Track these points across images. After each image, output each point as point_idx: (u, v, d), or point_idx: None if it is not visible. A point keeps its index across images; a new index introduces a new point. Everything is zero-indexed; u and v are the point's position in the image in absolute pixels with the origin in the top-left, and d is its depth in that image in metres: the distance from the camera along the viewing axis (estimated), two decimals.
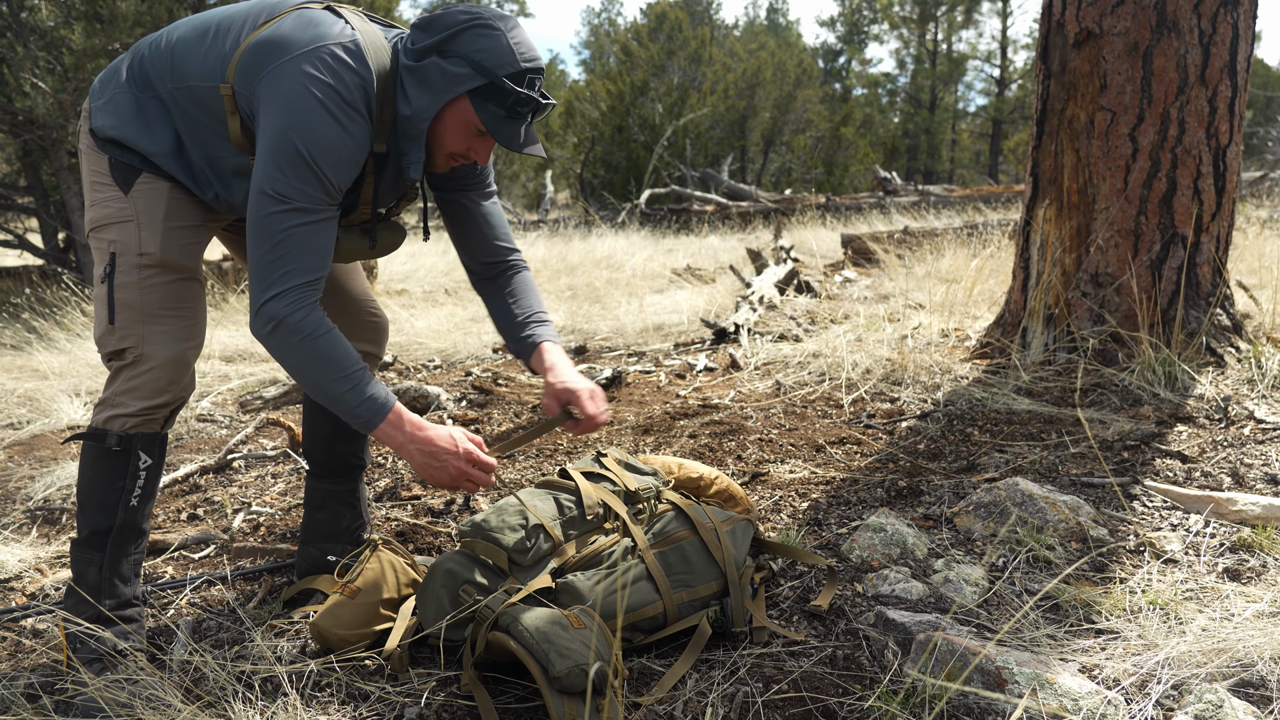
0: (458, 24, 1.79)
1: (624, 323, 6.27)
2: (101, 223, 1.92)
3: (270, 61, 1.77)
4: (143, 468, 1.93)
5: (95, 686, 1.72)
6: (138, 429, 1.92)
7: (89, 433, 1.92)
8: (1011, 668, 1.65)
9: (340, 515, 2.39)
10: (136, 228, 1.89)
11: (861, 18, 42.13)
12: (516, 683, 1.83)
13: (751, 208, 15.39)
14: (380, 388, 1.83)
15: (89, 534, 1.93)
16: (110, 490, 1.92)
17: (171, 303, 1.93)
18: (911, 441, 3.21)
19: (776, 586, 2.21)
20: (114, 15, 8.12)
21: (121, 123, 1.91)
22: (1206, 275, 3.71)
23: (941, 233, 8.70)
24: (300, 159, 1.72)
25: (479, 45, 1.78)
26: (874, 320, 5.07)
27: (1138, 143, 3.65)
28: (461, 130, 1.87)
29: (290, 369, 1.80)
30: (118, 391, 1.91)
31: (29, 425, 4.34)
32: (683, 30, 27.62)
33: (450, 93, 1.81)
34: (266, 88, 1.76)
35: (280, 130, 1.73)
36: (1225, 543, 2.29)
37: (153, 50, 1.93)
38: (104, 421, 1.91)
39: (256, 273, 1.76)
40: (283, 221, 1.73)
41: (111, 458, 1.91)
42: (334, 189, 1.79)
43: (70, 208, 9.11)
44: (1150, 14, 3.57)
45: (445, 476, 1.88)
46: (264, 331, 1.76)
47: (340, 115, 1.75)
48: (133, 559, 1.98)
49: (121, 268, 1.89)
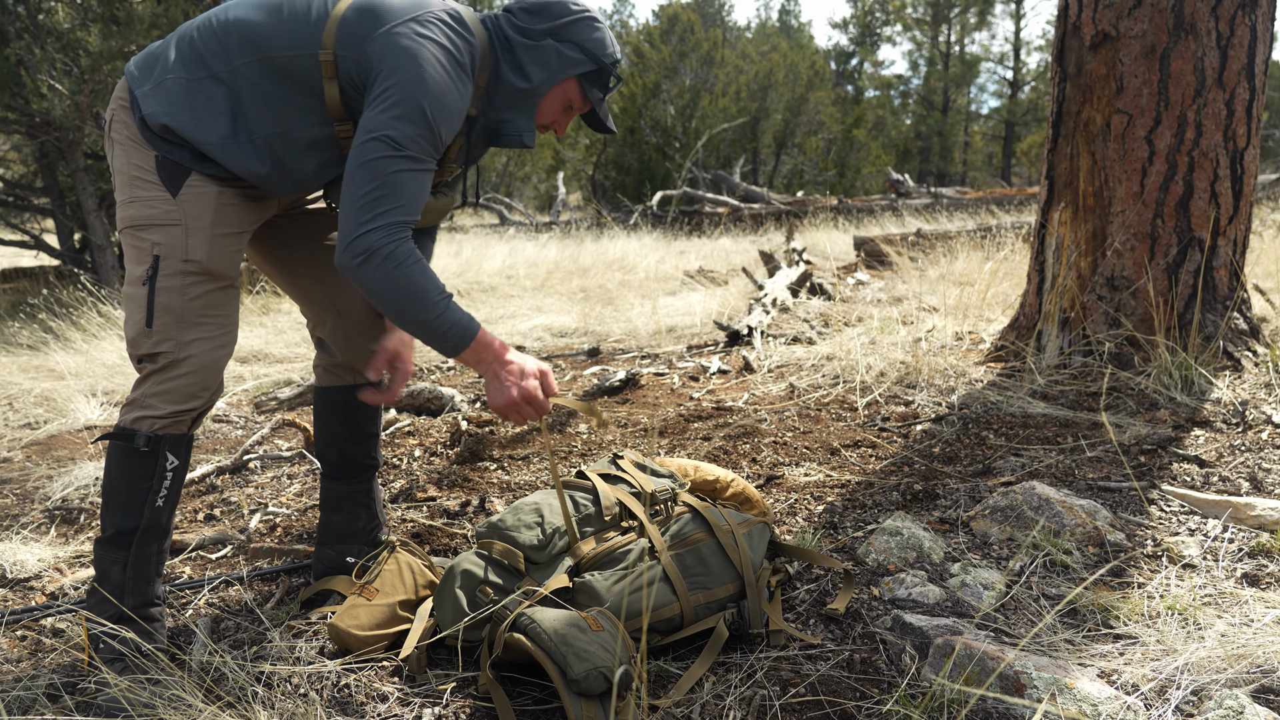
0: (572, 14, 1.99)
1: (637, 325, 6.27)
2: (144, 222, 1.88)
3: (380, 24, 1.83)
4: (169, 468, 1.94)
5: (118, 686, 1.73)
6: (166, 430, 1.92)
7: (117, 432, 1.92)
8: (1030, 673, 1.64)
9: (356, 516, 2.40)
10: (184, 233, 1.88)
11: (874, 19, 42.04)
12: (534, 684, 1.83)
13: (764, 209, 15.38)
14: (464, 313, 1.89)
15: (114, 533, 1.94)
16: (137, 490, 1.92)
17: (211, 310, 1.93)
18: (926, 445, 3.20)
19: (793, 589, 2.21)
20: (130, 17, 8.18)
21: (173, 108, 1.87)
22: (1223, 279, 3.69)
23: (955, 235, 8.68)
24: (419, 110, 1.80)
25: (592, 36, 2.00)
26: (887, 323, 5.06)
27: (1154, 146, 3.64)
28: (558, 105, 2.07)
29: (379, 298, 1.83)
30: (148, 393, 1.91)
31: (46, 425, 4.37)
32: (695, 32, 27.61)
33: (566, 73, 2.00)
34: (379, 47, 1.82)
35: (399, 84, 1.79)
36: (1244, 548, 2.28)
37: (204, 32, 1.91)
38: (132, 422, 1.91)
39: (354, 208, 1.80)
40: (392, 165, 1.80)
41: (139, 458, 1.91)
42: (441, 143, 1.87)
43: (86, 209, 9.18)
44: (1167, 16, 3.56)
45: (502, 400, 1.93)
46: (354, 263, 1.80)
47: (453, 73, 1.85)
48: (156, 559, 1.99)
49: (165, 271, 1.88)
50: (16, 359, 5.93)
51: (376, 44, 1.81)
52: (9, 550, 2.69)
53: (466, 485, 3.15)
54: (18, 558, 2.65)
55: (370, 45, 1.82)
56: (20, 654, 2.13)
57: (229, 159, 1.90)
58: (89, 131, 8.86)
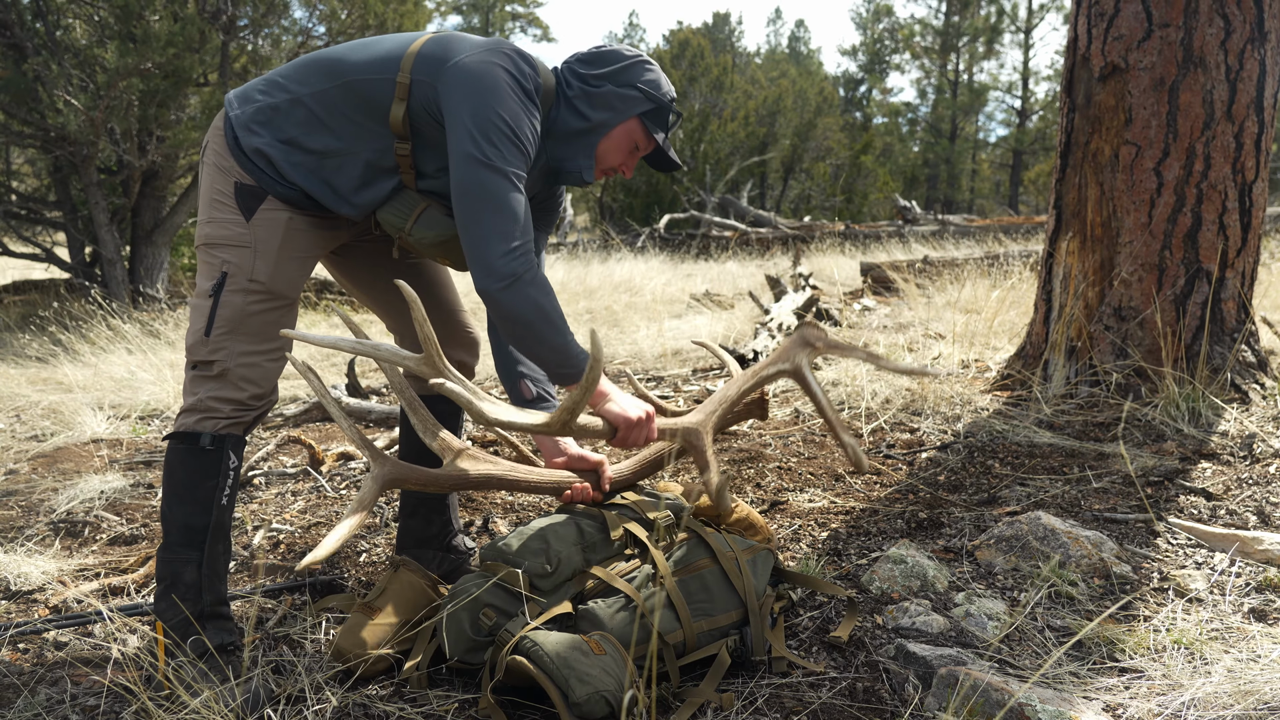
0: (626, 59, 2.13)
1: (642, 347, 6.28)
2: (218, 241, 2.02)
3: (456, 53, 1.96)
4: (231, 468, 2.02)
5: None
6: (228, 430, 2.01)
7: (180, 434, 2.00)
8: (1035, 705, 1.63)
9: (430, 522, 2.52)
10: (252, 254, 2.01)
11: (883, 47, 42.30)
12: (535, 707, 1.82)
13: (771, 234, 15.42)
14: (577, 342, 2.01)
15: (183, 533, 1.98)
16: (204, 487, 1.99)
17: (267, 327, 2.04)
18: (932, 473, 3.19)
19: (796, 616, 2.20)
20: (147, 35, 8.25)
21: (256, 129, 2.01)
22: (1231, 311, 3.69)
23: (962, 263, 8.68)
24: (508, 132, 1.92)
25: (648, 77, 2.14)
26: (893, 349, 5.06)
27: (1163, 177, 3.65)
28: (625, 146, 2.17)
29: (517, 321, 1.93)
30: (206, 398, 2.00)
31: (53, 438, 4.39)
32: (705, 57, 27.80)
33: (628, 112, 2.12)
34: (456, 74, 1.93)
35: (482, 107, 1.91)
36: (1251, 582, 2.27)
37: (288, 67, 2.08)
38: (195, 423, 1.99)
39: (486, 233, 1.90)
40: (502, 185, 1.91)
41: (205, 456, 1.99)
42: (529, 153, 1.98)
43: (98, 223, 9.23)
44: (1177, 49, 3.58)
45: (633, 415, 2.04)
46: (499, 285, 1.90)
47: (526, 102, 1.98)
48: (224, 559, 2.05)
49: (231, 287, 1.99)
50: (25, 371, 5.95)
51: (452, 71, 1.94)
52: (13, 562, 2.69)
53: (470, 505, 3.15)
54: (22, 570, 2.66)
55: (445, 71, 1.94)
56: (23, 666, 2.13)
57: (303, 179, 2.01)
58: (103, 147, 8.92)
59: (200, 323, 2.00)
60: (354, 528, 1.70)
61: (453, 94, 1.93)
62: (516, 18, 45.29)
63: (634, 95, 2.12)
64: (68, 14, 9.25)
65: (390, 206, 2.10)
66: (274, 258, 2.02)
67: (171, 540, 1.99)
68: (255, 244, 2.01)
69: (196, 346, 2.01)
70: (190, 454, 1.99)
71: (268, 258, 2.02)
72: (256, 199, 2.02)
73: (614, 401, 2.05)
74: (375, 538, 2.90)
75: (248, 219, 2.01)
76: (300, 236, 2.07)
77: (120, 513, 3.26)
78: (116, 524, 3.14)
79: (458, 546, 2.57)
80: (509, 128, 1.92)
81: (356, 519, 1.72)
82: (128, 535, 3.05)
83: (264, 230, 2.02)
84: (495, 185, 1.90)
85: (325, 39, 10.46)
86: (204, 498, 1.99)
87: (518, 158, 1.94)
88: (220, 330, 1.99)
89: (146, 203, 9.95)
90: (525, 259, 1.92)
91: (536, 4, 44.96)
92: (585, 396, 1.84)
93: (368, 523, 3.04)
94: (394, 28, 10.56)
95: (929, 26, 38.35)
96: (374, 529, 2.98)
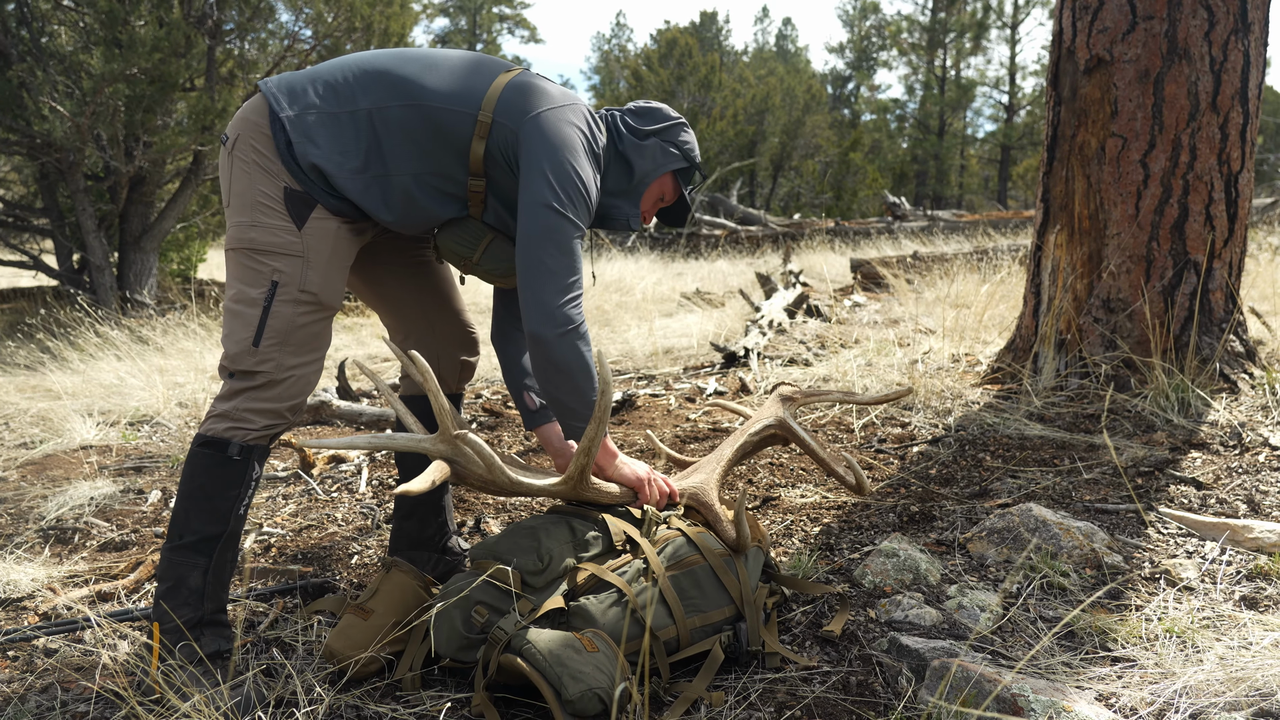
0: (672, 119, 2.32)
1: (633, 346, 6.28)
2: (268, 249, 1.97)
3: (539, 105, 2.06)
4: (254, 478, 2.01)
5: None
6: (257, 441, 2.00)
7: (208, 441, 1.98)
8: (1028, 695, 1.63)
9: (427, 524, 2.51)
10: (304, 264, 1.99)
11: (870, 44, 42.41)
12: (529, 705, 1.82)
13: (761, 232, 15.44)
14: None
15: (197, 539, 1.96)
16: (226, 497, 1.97)
17: (314, 338, 2.04)
18: (923, 466, 3.20)
19: (789, 611, 2.20)
20: (132, 40, 8.20)
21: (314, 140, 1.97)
22: (1219, 301, 3.70)
23: (951, 258, 8.70)
24: (580, 188, 2.04)
25: (686, 139, 2.34)
26: (884, 345, 5.07)
27: (1149, 169, 3.66)
28: (654, 197, 2.36)
29: (559, 367, 2.01)
30: (241, 407, 1.98)
31: (42, 445, 4.36)
32: (693, 56, 27.84)
33: (666, 167, 2.30)
34: (540, 126, 2.03)
35: (561, 162, 2.02)
36: (1241, 570, 2.28)
37: (345, 74, 2.05)
38: (225, 431, 1.97)
39: (550, 278, 2.00)
40: (570, 234, 2.03)
41: (232, 466, 1.97)
42: (592, 211, 2.12)
43: (85, 230, 9.19)
44: (1161, 41, 3.59)
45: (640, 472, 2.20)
46: (557, 331, 1.99)
47: (595, 163, 2.13)
48: (230, 566, 2.04)
49: (282, 298, 1.97)
50: (13, 379, 5.92)
51: (535, 122, 2.03)
52: (2, 570, 2.67)
53: (462, 505, 3.14)
54: (11, 577, 2.64)
55: (529, 121, 2.03)
56: (12, 674, 2.12)
57: (355, 192, 2.00)
58: (90, 153, 8.88)
59: (245, 332, 1.96)
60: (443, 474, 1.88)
61: (534, 144, 2.01)
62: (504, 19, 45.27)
63: (674, 153, 2.30)
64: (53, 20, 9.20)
65: (454, 235, 2.16)
66: (324, 268, 2.01)
67: (181, 543, 1.97)
68: (307, 253, 1.98)
69: (241, 356, 1.97)
70: (216, 462, 1.97)
71: (319, 268, 2.00)
72: (308, 206, 1.99)
73: (622, 462, 2.17)
74: (366, 540, 2.89)
75: (299, 227, 1.98)
76: (345, 245, 2.07)
77: (110, 519, 3.24)
78: (106, 530, 3.13)
79: (453, 549, 2.56)
80: (583, 185, 2.03)
81: None
82: (117, 541, 3.03)
83: (315, 239, 2.00)
84: (566, 234, 2.01)
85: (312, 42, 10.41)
86: (223, 507, 1.97)
87: (585, 214, 2.06)
88: (270, 341, 1.96)
89: (134, 209, 9.90)
90: (580, 310, 2.03)
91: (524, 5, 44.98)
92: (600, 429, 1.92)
93: (359, 525, 3.04)
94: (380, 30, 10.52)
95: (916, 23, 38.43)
96: (365, 531, 2.97)
